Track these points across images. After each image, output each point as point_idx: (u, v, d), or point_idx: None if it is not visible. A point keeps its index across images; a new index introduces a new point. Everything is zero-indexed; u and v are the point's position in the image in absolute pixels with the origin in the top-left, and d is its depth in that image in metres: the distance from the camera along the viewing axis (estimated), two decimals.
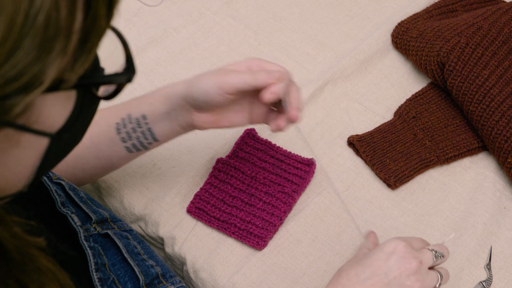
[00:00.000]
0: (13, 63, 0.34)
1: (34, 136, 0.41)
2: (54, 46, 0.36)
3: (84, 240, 0.66)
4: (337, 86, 1.04)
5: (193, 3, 1.16)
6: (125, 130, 0.79)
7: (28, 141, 0.40)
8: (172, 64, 1.08)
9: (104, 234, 0.70)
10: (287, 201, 0.89)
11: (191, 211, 0.90)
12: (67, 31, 0.37)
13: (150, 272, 0.69)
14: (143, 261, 0.70)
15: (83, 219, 0.70)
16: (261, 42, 1.10)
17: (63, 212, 0.68)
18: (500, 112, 0.92)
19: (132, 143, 0.80)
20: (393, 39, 1.08)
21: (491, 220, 0.90)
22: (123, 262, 0.68)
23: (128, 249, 0.69)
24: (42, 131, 0.41)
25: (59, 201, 0.68)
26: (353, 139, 0.96)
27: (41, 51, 0.35)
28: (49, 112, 0.41)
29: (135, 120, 0.79)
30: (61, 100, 0.42)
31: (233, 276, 0.85)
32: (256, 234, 0.87)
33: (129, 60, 0.45)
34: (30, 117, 0.39)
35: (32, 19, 0.34)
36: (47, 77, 0.37)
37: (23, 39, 0.34)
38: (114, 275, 0.65)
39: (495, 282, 0.85)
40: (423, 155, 0.94)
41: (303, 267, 0.86)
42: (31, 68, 0.35)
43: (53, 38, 0.36)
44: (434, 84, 1.02)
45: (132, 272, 0.67)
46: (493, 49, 0.97)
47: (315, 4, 1.15)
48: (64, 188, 0.72)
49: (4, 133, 0.38)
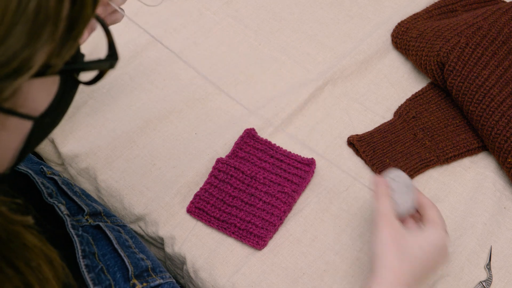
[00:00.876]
0: (4, 49, 0.36)
1: (19, 119, 0.42)
2: (43, 33, 0.37)
3: (71, 228, 0.66)
4: (337, 86, 1.04)
5: (193, 3, 1.16)
6: None
7: (13, 124, 0.42)
8: (172, 64, 1.08)
9: (95, 225, 0.70)
10: (287, 201, 0.89)
11: (191, 211, 0.90)
12: (56, 18, 0.38)
13: (140, 265, 0.69)
14: (133, 253, 0.70)
15: (75, 210, 0.70)
16: (261, 42, 1.10)
17: (50, 202, 0.68)
18: (500, 112, 0.92)
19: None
20: (393, 39, 1.08)
21: (491, 220, 0.90)
22: (113, 252, 0.68)
23: (119, 241, 0.70)
24: (27, 114, 0.42)
25: (45, 192, 0.69)
26: (353, 139, 0.96)
27: (31, 38, 0.37)
28: (35, 96, 0.42)
29: None
30: (45, 84, 0.43)
31: (233, 275, 0.85)
32: (256, 234, 0.87)
33: (111, 47, 0.46)
34: (17, 101, 0.40)
35: (24, 6, 0.35)
36: (36, 63, 0.38)
37: (14, 25, 0.35)
38: (103, 264, 0.65)
39: (495, 282, 0.85)
40: (423, 155, 0.94)
41: (303, 267, 0.86)
42: (21, 54, 0.37)
43: (43, 25, 0.37)
44: (434, 84, 1.02)
45: (122, 263, 0.67)
46: (493, 49, 0.97)
47: (315, 4, 1.15)
48: (57, 182, 0.72)
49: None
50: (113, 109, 1.01)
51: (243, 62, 1.07)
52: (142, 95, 1.04)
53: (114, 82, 1.06)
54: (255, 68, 1.06)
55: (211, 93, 1.03)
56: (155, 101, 1.03)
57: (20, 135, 0.44)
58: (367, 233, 0.89)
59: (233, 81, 1.05)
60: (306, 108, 1.01)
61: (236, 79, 1.05)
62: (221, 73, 1.06)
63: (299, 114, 1.01)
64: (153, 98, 1.03)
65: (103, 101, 1.04)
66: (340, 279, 0.85)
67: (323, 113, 1.01)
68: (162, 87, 1.05)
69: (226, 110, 1.01)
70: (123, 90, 1.05)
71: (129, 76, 1.06)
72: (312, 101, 1.02)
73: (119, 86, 1.05)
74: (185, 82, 1.05)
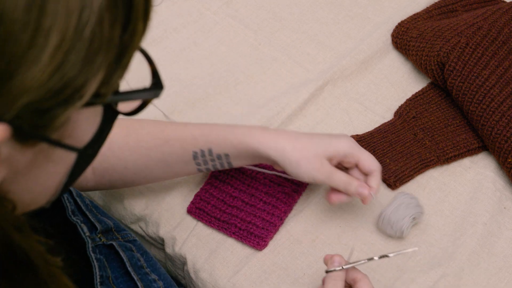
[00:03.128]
0: (60, 76, 0.35)
1: (65, 151, 0.41)
2: (96, 60, 0.37)
3: (91, 252, 0.66)
4: (337, 86, 1.04)
5: (193, 3, 1.15)
6: (203, 159, 0.82)
7: (58, 156, 0.41)
8: (172, 64, 1.08)
9: (109, 245, 0.70)
10: (287, 201, 0.89)
11: (191, 212, 0.90)
12: (109, 46, 0.37)
13: (153, 287, 0.69)
14: (145, 275, 0.70)
15: (89, 228, 0.70)
16: (261, 42, 1.10)
17: (73, 221, 0.68)
18: (500, 112, 0.92)
19: (206, 167, 0.84)
20: (393, 39, 1.08)
21: (491, 220, 0.90)
22: (126, 276, 0.68)
23: (131, 262, 0.70)
24: (72, 146, 0.41)
25: (69, 208, 0.69)
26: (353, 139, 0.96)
27: (85, 65, 0.36)
28: (81, 127, 0.41)
29: (216, 156, 0.82)
30: (91, 115, 0.42)
31: (233, 276, 0.85)
32: (256, 234, 0.87)
33: (155, 76, 0.45)
34: (64, 132, 0.39)
35: (80, 31, 0.35)
36: (87, 91, 0.38)
37: (71, 51, 0.35)
38: (116, 287, 0.66)
39: (496, 282, 0.85)
40: (423, 155, 0.94)
41: (303, 267, 0.86)
42: (74, 82, 0.36)
43: (97, 52, 0.36)
44: (434, 84, 1.02)
45: (134, 287, 0.68)
46: (493, 49, 0.97)
47: (315, 4, 1.15)
48: (72, 194, 0.72)
49: (39, 147, 0.38)
50: None
51: (243, 62, 1.07)
52: None
53: None
54: (255, 68, 1.06)
55: (211, 93, 1.03)
56: (155, 101, 1.02)
57: (65, 167, 0.43)
58: (367, 233, 0.89)
59: (233, 81, 1.05)
60: (306, 108, 1.01)
61: (236, 79, 1.05)
62: (221, 73, 1.06)
63: (299, 114, 1.01)
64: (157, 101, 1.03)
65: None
66: None
67: (323, 113, 1.01)
68: None
69: (226, 110, 1.01)
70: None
71: None
72: (312, 101, 1.02)
73: None
74: (185, 82, 1.05)
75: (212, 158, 0.82)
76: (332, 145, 0.81)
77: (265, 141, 0.80)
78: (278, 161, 0.80)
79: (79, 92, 0.37)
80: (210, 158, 0.82)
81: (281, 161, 0.80)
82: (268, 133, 0.81)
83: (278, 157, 0.79)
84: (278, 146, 0.79)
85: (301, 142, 0.80)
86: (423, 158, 0.94)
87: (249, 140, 0.80)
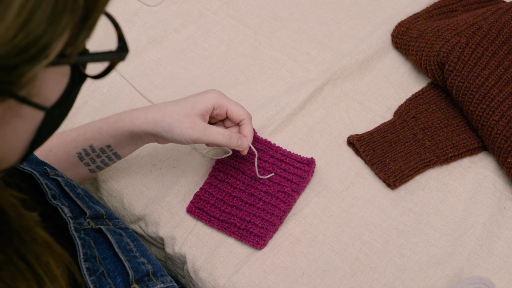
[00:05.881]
0: (25, 33, 0.36)
1: (32, 109, 0.42)
2: (61, 20, 0.38)
3: (73, 231, 0.66)
4: (337, 86, 1.04)
5: (193, 3, 1.16)
6: (89, 157, 0.85)
7: (26, 114, 0.42)
8: (172, 64, 1.08)
9: (97, 229, 0.70)
10: (287, 201, 0.89)
11: (191, 211, 0.90)
12: (73, 6, 0.39)
13: (141, 269, 0.69)
14: (134, 257, 0.70)
15: (77, 213, 0.70)
16: (261, 42, 1.10)
17: (54, 204, 0.68)
18: (500, 112, 0.92)
19: (96, 165, 0.87)
20: (393, 39, 1.08)
21: (491, 220, 0.90)
22: (114, 257, 0.68)
23: (120, 245, 0.70)
24: (40, 104, 0.43)
25: (49, 193, 0.69)
26: (352, 138, 0.96)
27: (50, 24, 0.38)
28: (48, 86, 0.43)
29: (99, 150, 0.84)
30: (58, 75, 0.44)
31: (233, 275, 0.85)
32: (256, 234, 0.87)
33: (121, 40, 0.47)
34: (32, 89, 0.41)
35: None
36: (53, 50, 0.39)
37: (36, 10, 0.36)
38: (104, 268, 0.65)
39: (496, 282, 0.85)
40: (423, 155, 0.94)
41: (303, 267, 0.86)
42: (40, 40, 0.37)
43: (61, 11, 0.38)
44: (434, 84, 1.02)
45: (122, 267, 0.67)
46: (493, 49, 0.97)
47: (315, 4, 1.15)
48: (60, 184, 0.72)
49: (7, 104, 0.40)
50: (113, 109, 1.01)
51: (243, 62, 1.07)
52: None
53: (114, 82, 1.06)
54: (255, 68, 1.07)
55: None
56: (155, 101, 1.03)
57: (32, 125, 0.44)
58: (367, 233, 0.89)
59: (233, 81, 1.05)
60: (306, 108, 1.01)
61: (236, 79, 1.05)
62: (221, 73, 1.06)
63: (299, 114, 1.01)
64: (153, 98, 1.03)
65: (103, 101, 1.04)
66: (340, 279, 0.85)
67: (323, 113, 1.01)
68: (162, 87, 1.05)
69: None
70: (123, 90, 1.05)
71: (129, 76, 1.06)
72: (312, 101, 1.02)
73: (119, 86, 1.05)
74: (185, 82, 1.05)
75: (97, 154, 0.84)
76: (199, 101, 0.83)
77: (136, 119, 0.82)
78: (153, 132, 0.81)
79: (45, 51, 0.38)
80: (95, 154, 0.84)
81: (155, 131, 0.81)
82: (138, 111, 0.83)
83: (152, 129, 0.81)
84: (148, 119, 0.81)
85: (169, 108, 0.82)
86: (423, 158, 0.94)
87: (122, 124, 0.82)
